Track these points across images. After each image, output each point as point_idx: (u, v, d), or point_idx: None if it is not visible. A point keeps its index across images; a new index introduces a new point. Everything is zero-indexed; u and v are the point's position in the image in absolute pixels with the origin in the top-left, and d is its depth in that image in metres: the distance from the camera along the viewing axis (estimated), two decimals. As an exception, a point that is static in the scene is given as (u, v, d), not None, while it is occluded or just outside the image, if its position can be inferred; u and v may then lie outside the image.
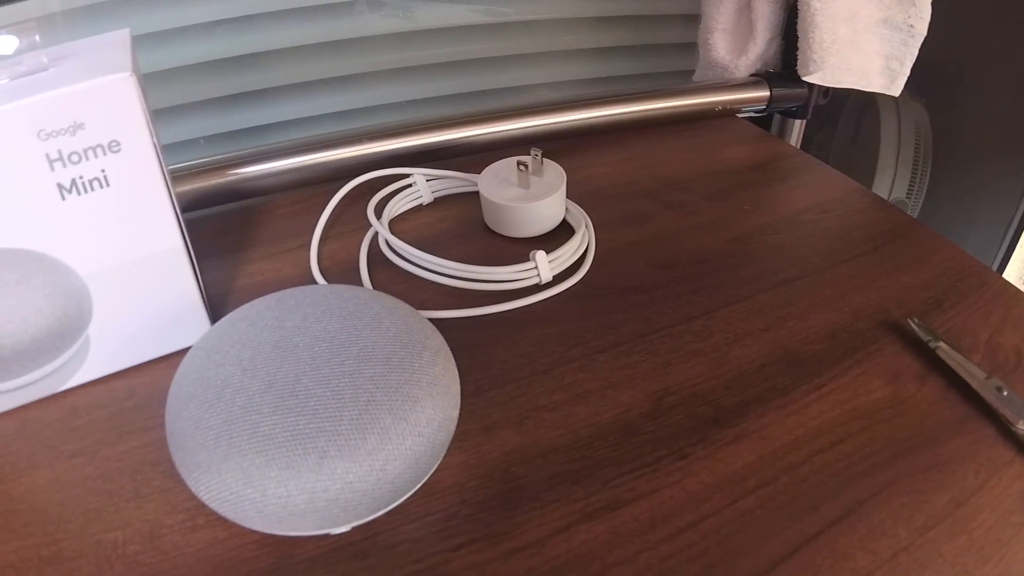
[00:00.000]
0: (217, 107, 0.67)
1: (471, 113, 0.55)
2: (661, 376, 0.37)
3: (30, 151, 0.33)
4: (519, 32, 0.73)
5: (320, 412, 0.27)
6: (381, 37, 0.68)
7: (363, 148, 0.53)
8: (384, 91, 0.71)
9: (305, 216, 0.52)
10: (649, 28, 0.77)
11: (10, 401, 0.39)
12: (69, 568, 0.31)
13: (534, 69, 0.75)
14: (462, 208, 0.51)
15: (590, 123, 0.57)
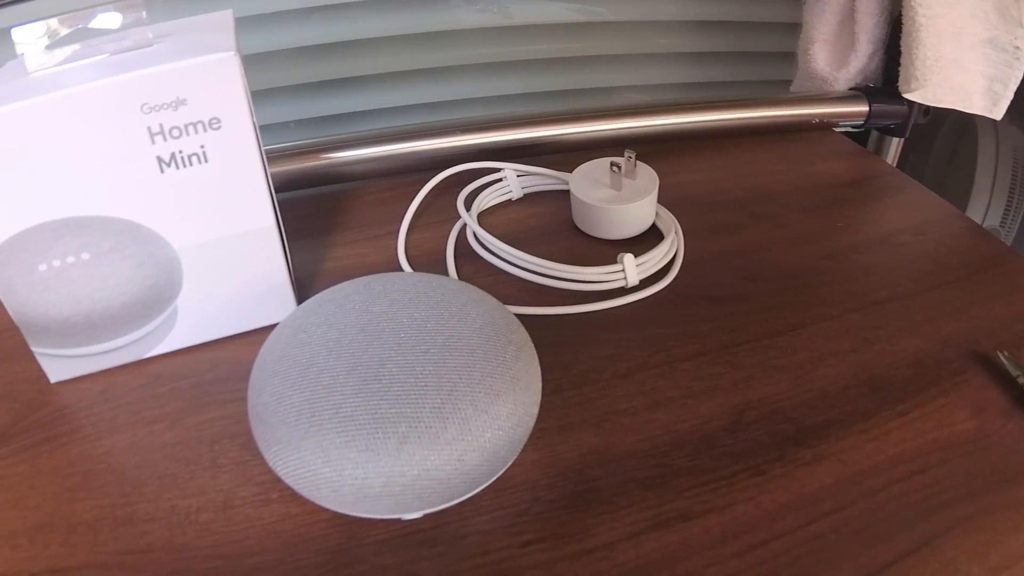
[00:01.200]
0: (309, 92, 0.68)
1: (564, 111, 0.55)
2: (743, 390, 0.36)
3: (133, 123, 0.34)
4: (613, 32, 0.72)
5: (403, 398, 0.27)
6: (475, 31, 0.68)
7: (454, 140, 0.53)
8: (475, 85, 0.71)
9: (393, 204, 0.52)
10: (747, 34, 0.76)
11: (96, 364, 0.40)
12: (142, 530, 0.32)
13: (626, 71, 0.74)
14: (551, 206, 0.51)
15: (684, 128, 0.56)
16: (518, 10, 0.68)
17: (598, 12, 0.70)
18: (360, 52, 0.68)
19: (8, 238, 0.35)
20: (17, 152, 0.33)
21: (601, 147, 0.56)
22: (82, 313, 0.37)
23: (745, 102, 0.58)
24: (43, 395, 0.39)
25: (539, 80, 0.72)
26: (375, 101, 0.70)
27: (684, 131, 0.57)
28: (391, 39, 0.67)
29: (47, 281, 0.36)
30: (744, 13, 0.74)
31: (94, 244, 0.36)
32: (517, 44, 0.70)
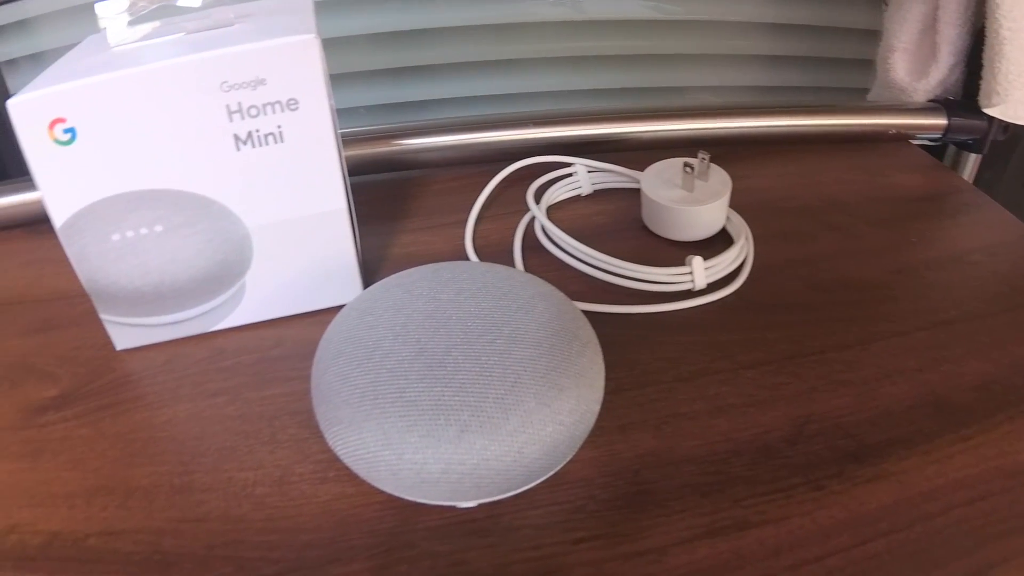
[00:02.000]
0: (381, 79, 0.69)
1: (637, 109, 0.55)
2: (805, 402, 0.35)
3: (212, 101, 0.34)
4: (687, 31, 0.71)
5: (466, 386, 0.27)
6: (549, 24, 0.68)
7: (526, 132, 0.53)
8: (547, 79, 0.71)
9: (462, 193, 0.52)
10: (825, 39, 0.74)
11: (162, 335, 0.40)
12: (198, 499, 0.32)
13: (699, 71, 0.74)
14: (620, 203, 0.51)
15: (758, 132, 0.56)
16: (592, 5, 0.68)
17: (672, 10, 0.69)
18: (434, 41, 0.68)
19: (84, 207, 0.36)
20: (98, 124, 0.34)
21: (672, 147, 0.55)
22: (151, 284, 0.38)
23: (821, 109, 0.57)
24: (108, 361, 0.40)
25: (611, 77, 0.72)
26: (447, 90, 0.70)
27: (758, 135, 0.56)
28: (466, 29, 0.67)
29: (119, 251, 0.37)
30: (823, 17, 0.73)
31: (167, 217, 0.36)
32: (590, 39, 0.70)
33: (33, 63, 0.74)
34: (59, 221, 0.36)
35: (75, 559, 0.30)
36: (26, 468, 0.35)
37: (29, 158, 0.34)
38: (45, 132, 0.34)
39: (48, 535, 0.31)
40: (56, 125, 0.34)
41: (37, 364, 0.41)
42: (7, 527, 0.32)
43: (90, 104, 0.34)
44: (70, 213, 0.36)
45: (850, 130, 0.57)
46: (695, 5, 0.70)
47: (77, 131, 0.34)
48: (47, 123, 0.34)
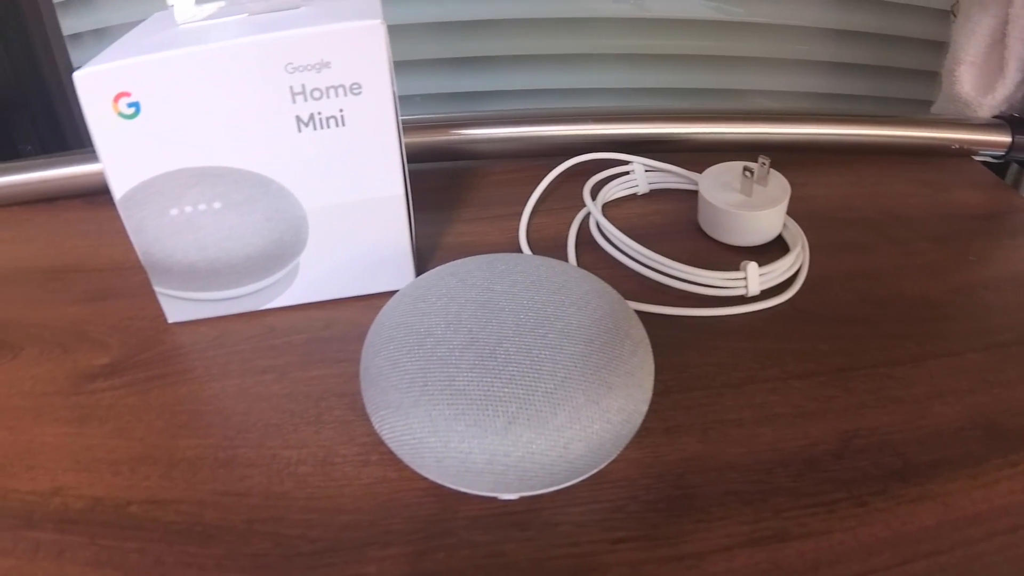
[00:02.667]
0: (440, 68, 0.69)
1: (696, 110, 0.54)
2: (854, 416, 0.35)
3: (276, 82, 0.35)
4: (748, 34, 0.71)
5: (516, 378, 0.27)
6: (610, 20, 0.68)
7: (584, 128, 0.53)
8: (605, 75, 0.71)
9: (518, 186, 0.52)
10: (890, 48, 0.73)
11: (214, 310, 0.41)
12: (241, 474, 0.32)
13: (760, 74, 0.73)
14: (676, 204, 0.50)
15: (819, 139, 0.55)
16: (654, 3, 0.67)
17: (734, 11, 0.69)
18: (495, 32, 0.68)
19: (144, 181, 0.36)
20: (162, 100, 0.34)
21: (731, 150, 0.55)
22: (207, 260, 0.39)
23: (883, 119, 0.56)
24: (159, 333, 0.41)
25: (671, 76, 0.71)
26: (505, 82, 0.70)
27: (818, 142, 0.55)
28: (527, 21, 0.67)
29: (177, 225, 0.37)
30: (889, 26, 0.71)
31: (226, 195, 0.37)
32: (651, 37, 0.69)
33: (97, 38, 0.75)
34: (119, 193, 0.36)
35: (116, 525, 0.31)
36: (73, 433, 0.36)
37: (93, 130, 0.35)
38: (110, 105, 0.34)
39: (91, 500, 0.32)
40: (121, 99, 0.34)
41: (89, 332, 0.42)
42: (52, 489, 0.33)
43: (155, 80, 0.34)
44: (130, 186, 0.36)
45: (912, 142, 0.56)
46: (758, 7, 0.69)
47: (141, 105, 0.34)
48: (112, 96, 0.34)
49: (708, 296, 0.41)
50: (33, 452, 0.35)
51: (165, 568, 0.29)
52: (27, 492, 0.33)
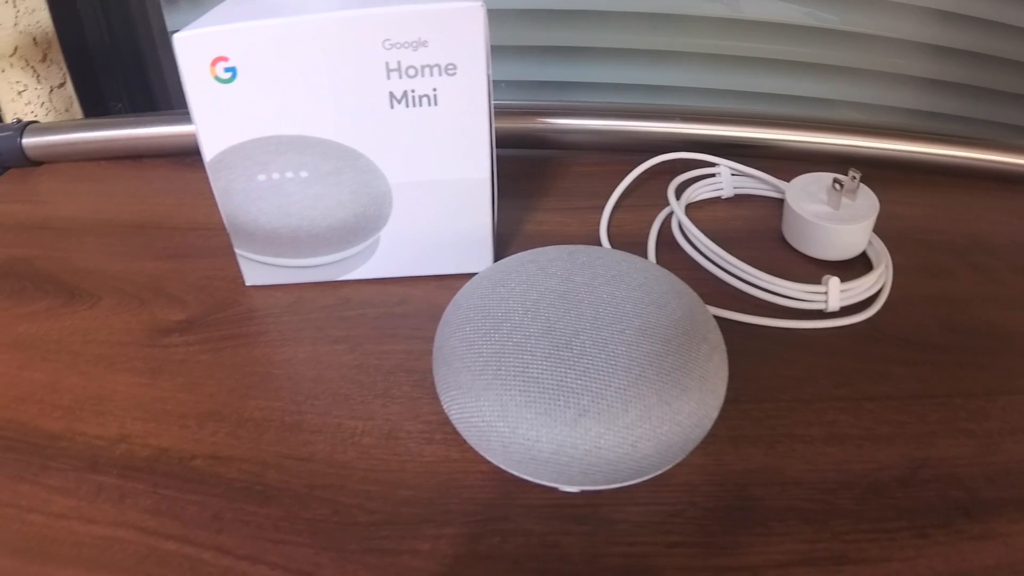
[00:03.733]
0: (529, 55, 0.69)
1: (787, 116, 0.53)
2: (924, 445, 0.34)
3: (373, 57, 0.35)
4: (842, 43, 0.69)
5: (590, 371, 0.27)
6: (703, 19, 0.67)
7: (672, 126, 0.53)
8: (695, 75, 0.70)
9: (602, 180, 0.52)
10: (992, 69, 0.70)
11: (291, 276, 0.42)
12: (305, 439, 0.33)
13: (852, 85, 0.71)
14: (760, 211, 0.50)
15: (910, 157, 0.53)
16: (749, 5, 0.66)
17: (829, 19, 0.67)
18: (587, 23, 0.68)
19: (235, 145, 0.37)
20: (259, 67, 0.35)
21: (819, 161, 0.54)
22: (289, 227, 0.39)
23: (978, 142, 0.54)
24: (237, 295, 0.42)
25: (761, 80, 0.70)
26: (593, 75, 0.70)
27: (909, 160, 0.53)
28: (620, 15, 0.67)
29: (263, 191, 0.38)
30: (990, 45, 0.69)
31: (314, 165, 0.37)
32: (744, 39, 0.68)
33: (192, 3, 0.77)
34: (209, 155, 0.37)
35: (179, 477, 0.32)
36: (145, 383, 0.37)
37: (188, 92, 0.36)
38: (207, 69, 0.35)
39: (156, 450, 0.33)
40: (218, 63, 0.35)
41: (168, 287, 0.43)
42: (119, 436, 0.34)
43: (253, 46, 0.35)
44: (221, 149, 0.37)
45: (1005, 168, 0.54)
46: (853, 16, 0.67)
47: (238, 71, 0.35)
48: (210, 60, 0.35)
49: (786, 307, 0.40)
50: (104, 399, 0.36)
51: (223, 523, 0.30)
52: (94, 436, 0.34)
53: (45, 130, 0.60)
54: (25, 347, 0.39)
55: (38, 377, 0.37)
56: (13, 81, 0.75)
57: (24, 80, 0.76)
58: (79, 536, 0.29)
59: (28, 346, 0.40)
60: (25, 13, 0.73)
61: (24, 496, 0.31)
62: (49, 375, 0.37)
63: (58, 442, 0.34)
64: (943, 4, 0.67)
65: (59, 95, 0.79)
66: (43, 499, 0.31)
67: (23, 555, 0.29)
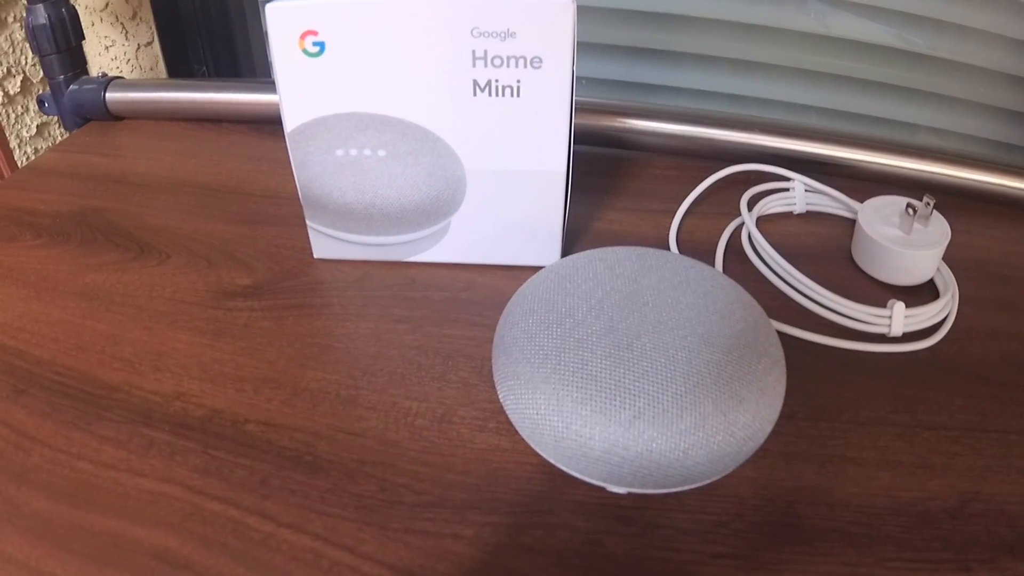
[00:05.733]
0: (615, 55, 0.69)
1: (867, 137, 0.52)
2: (977, 479, 0.33)
3: (461, 43, 0.35)
4: (928, 67, 0.67)
5: (649, 374, 0.27)
6: (790, 32, 0.66)
7: (751, 137, 0.52)
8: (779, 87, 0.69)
9: (676, 184, 0.52)
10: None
11: (360, 253, 0.42)
12: (359, 415, 0.34)
13: (934, 111, 0.70)
14: (831, 229, 0.49)
15: (988, 188, 0.52)
16: (837, 21, 0.65)
17: (916, 43, 0.66)
18: (675, 27, 0.67)
19: (317, 118, 0.38)
20: (347, 43, 0.36)
21: (895, 183, 0.53)
22: (363, 204, 0.40)
23: (1059, 179, 0.53)
24: (304, 266, 0.43)
25: (844, 99, 0.69)
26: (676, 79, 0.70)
27: (987, 191, 0.52)
28: (708, 21, 0.66)
29: (340, 165, 0.39)
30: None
31: (393, 144, 0.38)
32: (829, 56, 0.67)
33: (285, -27, 0.78)
34: (291, 126, 0.38)
35: (231, 439, 0.32)
36: (205, 344, 0.37)
37: (276, 63, 0.36)
38: (296, 41, 0.36)
39: (211, 411, 0.34)
40: (307, 37, 0.36)
41: (237, 252, 0.44)
42: (175, 393, 0.35)
43: (343, 23, 0.35)
44: (303, 121, 0.38)
45: (1084, 206, 0.53)
46: (941, 41, 0.66)
47: (326, 45, 0.36)
48: (299, 33, 0.36)
49: (849, 328, 0.40)
50: (164, 355, 0.37)
51: (269, 489, 0.30)
52: (151, 391, 0.35)
53: (129, 86, 0.61)
54: (91, 297, 0.41)
55: (101, 328, 0.39)
56: (102, 36, 0.77)
57: (113, 36, 0.78)
58: (126, 488, 0.30)
59: (94, 296, 0.41)
60: (120, -31, 0.75)
61: (75, 443, 0.32)
62: (112, 327, 0.39)
63: (114, 393, 0.35)
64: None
65: (145, 53, 0.81)
66: (94, 448, 0.32)
67: (69, 500, 0.30)
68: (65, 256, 0.44)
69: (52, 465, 0.31)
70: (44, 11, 0.57)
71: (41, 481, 0.31)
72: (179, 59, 0.82)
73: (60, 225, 0.47)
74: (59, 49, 0.59)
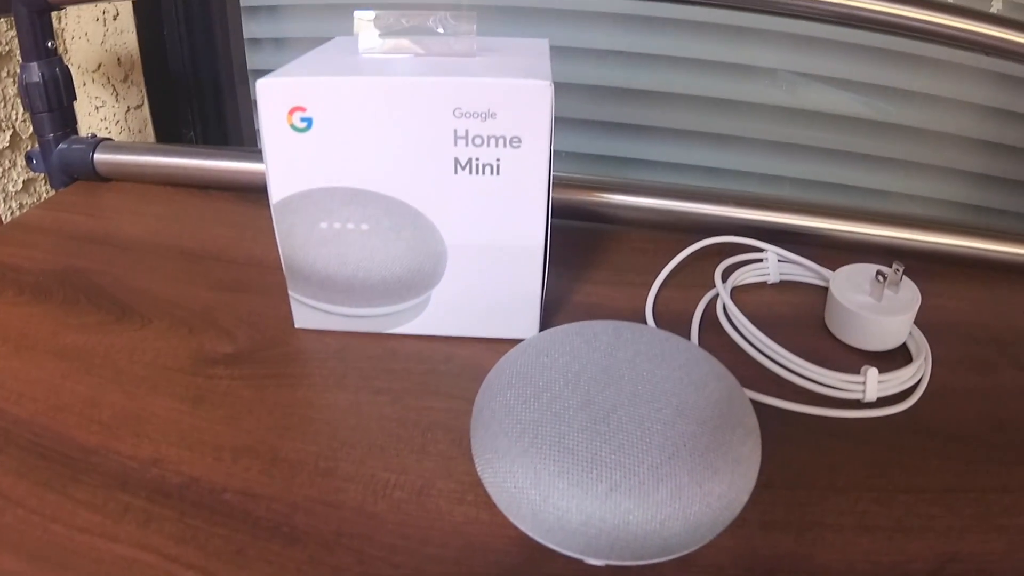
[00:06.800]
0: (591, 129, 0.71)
1: (836, 206, 0.54)
2: (955, 539, 0.33)
3: (443, 122, 0.36)
4: (898, 135, 0.69)
5: (625, 447, 0.27)
6: (761, 106, 0.68)
7: (723, 209, 0.54)
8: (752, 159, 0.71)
9: (652, 257, 0.53)
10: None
11: (341, 324, 0.43)
12: (337, 486, 0.33)
13: (905, 177, 0.71)
14: (805, 298, 0.50)
15: (956, 251, 0.53)
16: (807, 93, 0.67)
17: (887, 111, 0.68)
18: (650, 103, 0.69)
19: (302, 191, 0.38)
20: (334, 120, 0.37)
21: (866, 250, 0.54)
22: (345, 275, 0.40)
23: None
24: (285, 335, 0.43)
25: (816, 168, 0.71)
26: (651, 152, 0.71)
27: (956, 254, 0.53)
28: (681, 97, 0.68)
29: (323, 238, 0.39)
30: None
31: (376, 219, 0.39)
32: (800, 127, 0.69)
33: (276, 46, 0.80)
34: (276, 198, 0.39)
35: (208, 508, 0.32)
36: (184, 410, 0.37)
37: (264, 136, 0.37)
38: (285, 116, 0.37)
39: (188, 478, 0.34)
40: (296, 112, 0.37)
41: (218, 319, 0.44)
42: (152, 459, 0.34)
43: (331, 99, 0.36)
44: (288, 193, 0.39)
45: (1051, 264, 0.54)
46: (910, 110, 0.68)
47: (314, 121, 0.37)
48: (288, 108, 0.37)
49: (824, 395, 0.40)
50: (142, 420, 0.37)
51: (246, 560, 0.30)
52: (128, 456, 0.35)
53: (117, 148, 0.62)
54: (71, 357, 0.41)
55: (80, 389, 0.39)
56: (93, 96, 0.78)
57: (103, 97, 0.79)
58: (100, 552, 0.30)
59: (74, 357, 0.41)
60: (114, 33, 0.76)
61: (50, 505, 0.32)
62: (91, 389, 0.39)
63: (91, 457, 0.35)
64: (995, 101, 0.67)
65: (135, 116, 0.82)
66: (69, 511, 0.32)
67: (42, 563, 0.30)
68: (47, 315, 0.44)
69: (25, 526, 0.31)
70: (38, 69, 0.58)
71: (13, 542, 0.30)
72: (168, 122, 0.83)
73: (43, 283, 0.48)
74: (51, 108, 0.60)
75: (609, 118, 0.71)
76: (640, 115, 0.70)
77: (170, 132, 0.83)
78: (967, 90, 0.69)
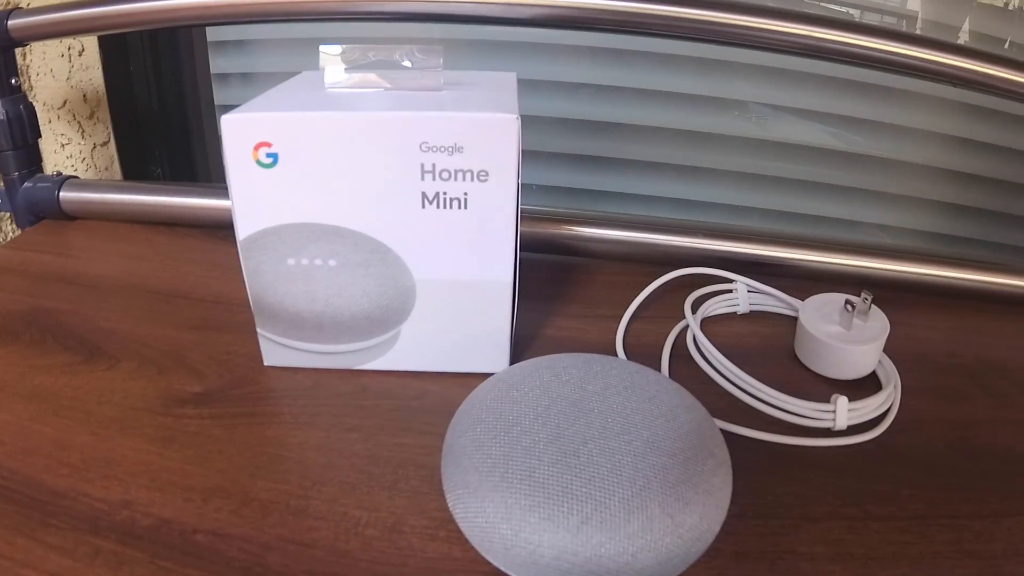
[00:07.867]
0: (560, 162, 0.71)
1: (805, 237, 0.54)
2: (928, 566, 0.33)
3: (409, 157, 0.36)
4: (866, 166, 0.71)
5: (595, 480, 0.27)
6: (732, 138, 0.69)
7: (694, 241, 0.55)
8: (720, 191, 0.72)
9: (622, 289, 0.53)
10: (1011, 195, 0.71)
11: (311, 361, 0.42)
12: (309, 525, 0.33)
13: (874, 208, 0.73)
14: (774, 328, 0.50)
15: (924, 279, 0.54)
16: (777, 125, 0.68)
17: (856, 142, 0.69)
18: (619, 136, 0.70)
19: (269, 228, 0.38)
20: (300, 155, 0.37)
21: (835, 280, 0.55)
22: (314, 312, 0.40)
23: (992, 266, 0.55)
24: (255, 373, 0.43)
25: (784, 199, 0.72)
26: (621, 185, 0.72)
27: (924, 283, 0.54)
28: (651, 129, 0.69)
29: (292, 274, 0.39)
30: (1011, 172, 0.70)
31: (344, 255, 0.39)
32: (770, 159, 0.70)
33: (243, 81, 0.80)
34: (243, 235, 0.39)
35: (179, 550, 0.32)
36: (154, 451, 0.37)
37: (230, 172, 0.37)
38: (250, 152, 0.37)
39: (159, 520, 0.33)
40: (261, 148, 0.36)
41: (187, 358, 0.44)
42: (122, 502, 0.34)
43: (296, 135, 0.36)
44: (255, 230, 0.38)
45: (1020, 292, 0.55)
46: (878, 141, 0.69)
47: (279, 157, 0.37)
48: (254, 144, 0.36)
49: (795, 425, 0.41)
50: (112, 462, 0.36)
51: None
52: (98, 499, 0.34)
53: (83, 186, 0.62)
54: (38, 399, 0.40)
55: (48, 432, 0.38)
56: (59, 133, 0.77)
57: (69, 134, 0.78)
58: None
59: (42, 399, 0.40)
60: (79, 69, 0.76)
61: (20, 550, 0.31)
62: (59, 431, 0.38)
63: (61, 500, 0.34)
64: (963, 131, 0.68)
65: (101, 153, 0.82)
66: (39, 555, 0.31)
67: (12, 609, 0.29)
68: (13, 356, 0.44)
69: (-6, 572, 0.30)
70: (2, 107, 0.58)
71: (-18, 587, 0.30)
72: (135, 159, 0.83)
73: (9, 324, 0.47)
74: (15, 146, 0.59)
75: (578, 151, 0.72)
76: (609, 148, 0.71)
77: (137, 169, 0.83)
78: (936, 121, 0.70)
